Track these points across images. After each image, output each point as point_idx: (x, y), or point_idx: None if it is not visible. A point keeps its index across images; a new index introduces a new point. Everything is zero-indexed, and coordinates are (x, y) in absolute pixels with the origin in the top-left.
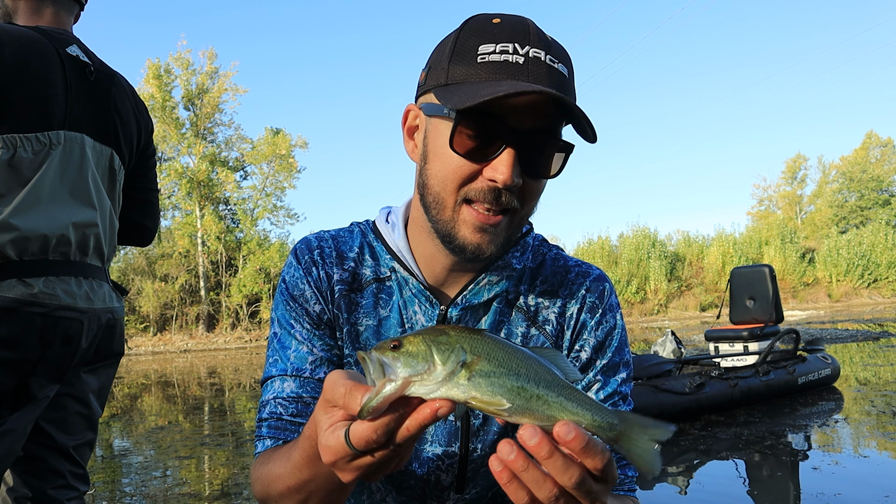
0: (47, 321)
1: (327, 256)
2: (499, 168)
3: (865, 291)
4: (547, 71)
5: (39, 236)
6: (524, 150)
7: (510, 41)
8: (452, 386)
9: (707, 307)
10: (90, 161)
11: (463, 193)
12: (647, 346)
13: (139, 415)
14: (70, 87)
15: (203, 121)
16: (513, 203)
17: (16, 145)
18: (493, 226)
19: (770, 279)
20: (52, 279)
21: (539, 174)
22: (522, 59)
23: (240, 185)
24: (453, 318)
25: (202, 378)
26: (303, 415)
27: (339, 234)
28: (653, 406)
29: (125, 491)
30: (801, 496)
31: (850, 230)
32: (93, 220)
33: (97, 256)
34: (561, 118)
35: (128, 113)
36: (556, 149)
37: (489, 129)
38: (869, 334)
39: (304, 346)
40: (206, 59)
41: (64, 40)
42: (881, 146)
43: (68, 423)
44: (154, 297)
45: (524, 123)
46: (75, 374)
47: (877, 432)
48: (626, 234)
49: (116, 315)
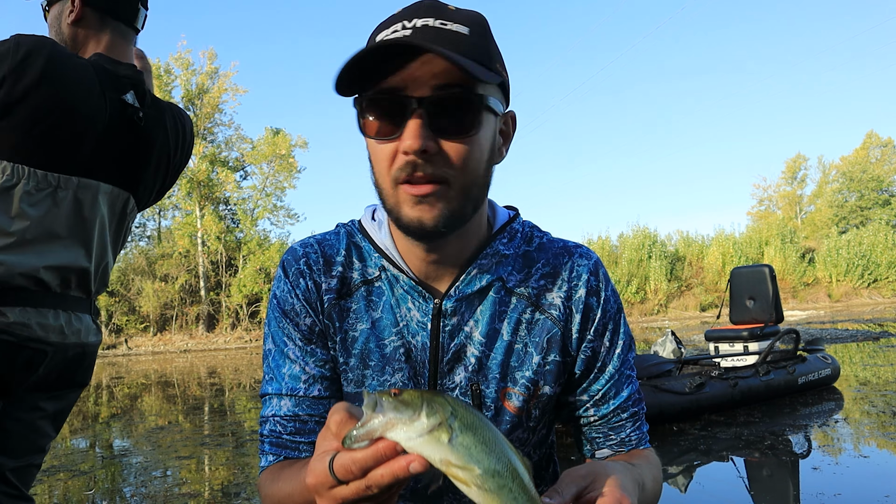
0: (12, 348)
1: (314, 264)
2: (405, 137)
3: (865, 291)
4: (435, 33)
5: (24, 271)
6: (432, 114)
7: (402, 20)
8: (432, 441)
9: (707, 307)
10: (100, 207)
11: (393, 176)
12: (647, 346)
13: (139, 415)
14: (105, 136)
15: (203, 121)
16: (436, 171)
17: (21, 176)
18: (425, 196)
19: (770, 279)
20: (28, 310)
21: (453, 134)
22: (410, 31)
23: (240, 185)
24: (448, 310)
25: (202, 378)
26: (301, 433)
27: (324, 239)
28: (653, 406)
29: (125, 491)
30: (800, 496)
31: (851, 230)
32: (85, 266)
33: (82, 290)
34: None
35: (163, 155)
36: (468, 105)
37: (390, 105)
38: (869, 334)
39: (296, 366)
40: (206, 59)
41: (120, 84)
42: (881, 146)
43: (8, 445)
44: (154, 297)
45: (426, 89)
46: (29, 399)
47: (877, 432)
48: (626, 234)
49: (87, 350)
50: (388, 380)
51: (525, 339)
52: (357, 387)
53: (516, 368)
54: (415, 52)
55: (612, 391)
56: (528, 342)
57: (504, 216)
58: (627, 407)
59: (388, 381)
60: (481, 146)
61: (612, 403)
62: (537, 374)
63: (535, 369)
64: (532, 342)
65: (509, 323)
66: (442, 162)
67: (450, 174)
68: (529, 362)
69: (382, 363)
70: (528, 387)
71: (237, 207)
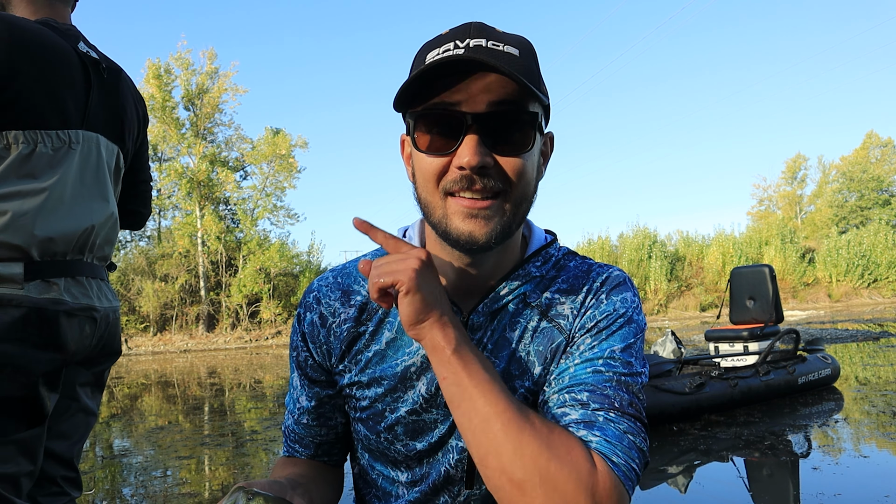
0: (72, 321)
1: (324, 297)
2: (462, 153)
3: (865, 291)
4: (488, 53)
5: (63, 238)
6: (487, 130)
7: (453, 40)
8: None
9: (707, 307)
10: (104, 160)
11: (442, 188)
12: (647, 346)
13: (139, 415)
14: (90, 86)
15: (203, 121)
16: (494, 185)
17: (36, 141)
18: (482, 209)
19: (770, 279)
20: (69, 280)
21: (509, 151)
22: (463, 50)
23: (240, 185)
24: (475, 325)
25: (202, 378)
26: (299, 443)
27: (345, 268)
28: (653, 406)
29: (125, 491)
30: (801, 496)
31: (851, 230)
32: (110, 218)
33: (102, 255)
34: (524, 93)
35: (131, 109)
36: (522, 122)
37: (446, 119)
38: (869, 334)
39: (295, 393)
40: (205, 59)
41: (73, 36)
42: (881, 146)
43: (66, 426)
44: (154, 297)
45: (481, 105)
46: (76, 374)
47: (877, 432)
48: (626, 234)
49: (118, 313)
50: (401, 396)
51: (528, 347)
52: (371, 404)
53: (516, 377)
54: (470, 70)
55: (574, 373)
56: (530, 350)
57: (540, 238)
58: (582, 391)
59: (400, 397)
60: (533, 163)
61: (566, 382)
62: (537, 385)
63: (536, 380)
64: (535, 350)
65: (518, 331)
66: (498, 177)
67: (505, 189)
68: (530, 371)
69: (394, 382)
70: (527, 396)
71: (237, 207)
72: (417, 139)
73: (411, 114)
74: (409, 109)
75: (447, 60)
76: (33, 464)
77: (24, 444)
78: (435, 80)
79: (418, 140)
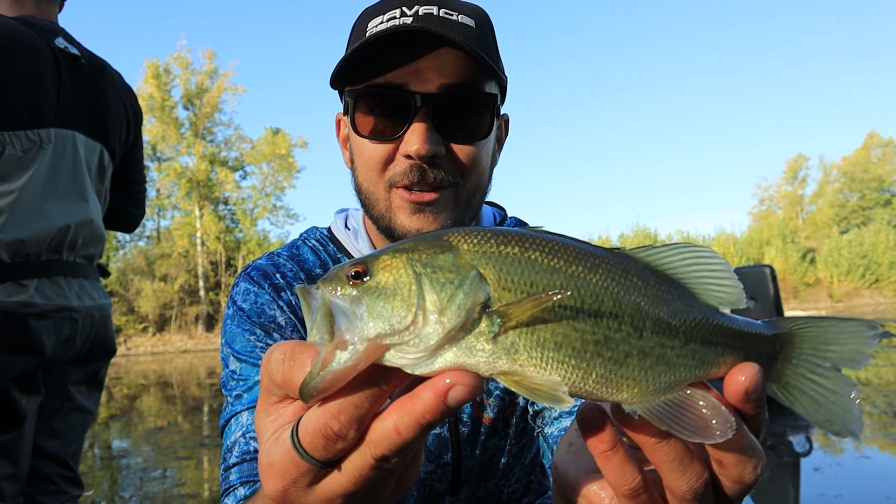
0: (45, 322)
1: (292, 280)
2: (410, 140)
3: (867, 291)
4: (440, 22)
5: (34, 239)
6: (439, 113)
7: (399, 6)
8: (466, 352)
9: None
10: (82, 158)
11: (387, 179)
12: None
13: (138, 415)
14: (62, 82)
15: (202, 120)
16: (445, 178)
17: (4, 143)
18: (429, 204)
19: (771, 279)
20: (43, 281)
21: (463, 138)
22: (411, 18)
23: (239, 185)
24: None
25: (201, 378)
26: None
27: (293, 253)
28: None
29: (124, 492)
30: (802, 497)
31: (852, 230)
32: (87, 218)
33: (86, 254)
34: (481, 71)
35: (118, 106)
36: (479, 105)
37: (391, 100)
38: None
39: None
40: (205, 58)
41: (51, 32)
42: (882, 146)
43: (59, 425)
44: (153, 297)
45: (432, 85)
46: (69, 375)
47: (878, 433)
48: (626, 234)
49: (106, 311)
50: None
51: None
52: None
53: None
54: (421, 42)
55: None
56: None
57: (489, 218)
58: None
59: None
60: (489, 150)
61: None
62: None
63: None
64: None
65: None
66: (450, 167)
67: (458, 181)
68: None
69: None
70: (503, 397)
71: (237, 207)
72: (357, 122)
73: (350, 92)
74: (347, 87)
75: (393, 31)
76: (14, 466)
77: (0, 448)
78: (378, 53)
79: (358, 123)
